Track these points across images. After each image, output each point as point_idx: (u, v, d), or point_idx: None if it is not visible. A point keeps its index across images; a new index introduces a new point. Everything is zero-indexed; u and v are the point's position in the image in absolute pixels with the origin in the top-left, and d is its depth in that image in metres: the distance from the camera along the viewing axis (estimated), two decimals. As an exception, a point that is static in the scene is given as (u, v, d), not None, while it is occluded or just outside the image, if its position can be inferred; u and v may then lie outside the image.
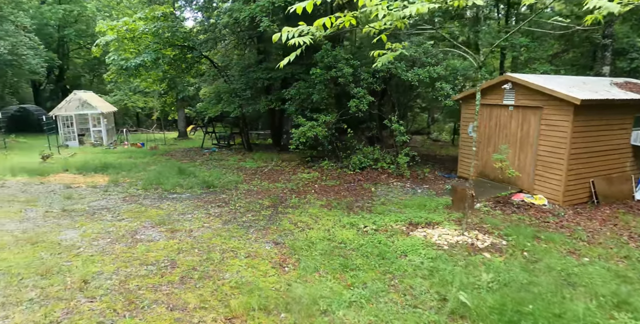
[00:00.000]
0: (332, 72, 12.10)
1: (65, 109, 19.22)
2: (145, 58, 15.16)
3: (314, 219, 6.85)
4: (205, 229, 6.14)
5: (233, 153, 16.60)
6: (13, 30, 17.60)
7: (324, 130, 12.03)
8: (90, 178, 10.48)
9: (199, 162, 13.75)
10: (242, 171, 12.00)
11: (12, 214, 6.78)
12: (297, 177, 10.89)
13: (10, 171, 10.62)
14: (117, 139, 21.57)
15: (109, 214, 6.95)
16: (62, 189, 8.96)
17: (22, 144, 19.35)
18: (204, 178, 9.96)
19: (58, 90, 31.20)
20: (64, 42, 27.80)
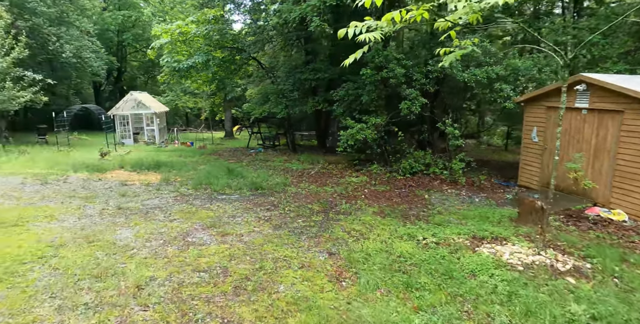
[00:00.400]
0: (383, 73, 11.59)
1: (122, 108, 20.07)
2: (196, 60, 15.42)
3: (367, 227, 6.41)
4: (255, 234, 5.89)
5: (278, 154, 16.50)
6: (78, 35, 18.64)
7: (374, 133, 11.54)
8: (144, 176, 10.68)
9: (246, 163, 13.72)
10: (288, 172, 11.79)
11: (73, 210, 6.91)
12: (346, 181, 10.49)
13: (73, 167, 11.06)
14: (168, 138, 22.26)
15: (161, 213, 6.91)
16: (118, 187, 9.14)
17: (84, 141, 20.43)
18: (252, 179, 9.82)
19: (116, 91, 32.91)
20: (122, 46, 29.24)
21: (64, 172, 10.55)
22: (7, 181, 9.22)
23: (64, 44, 17.06)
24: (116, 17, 26.17)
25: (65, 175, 10.17)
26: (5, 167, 10.86)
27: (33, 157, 12.35)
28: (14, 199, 7.54)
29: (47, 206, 7.15)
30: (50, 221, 6.21)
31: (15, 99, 13.62)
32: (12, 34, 13.53)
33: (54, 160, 12.08)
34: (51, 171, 10.49)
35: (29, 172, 10.16)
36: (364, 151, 12.60)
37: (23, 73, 13.74)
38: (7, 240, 5.26)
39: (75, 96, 24.51)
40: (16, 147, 14.87)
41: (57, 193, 8.15)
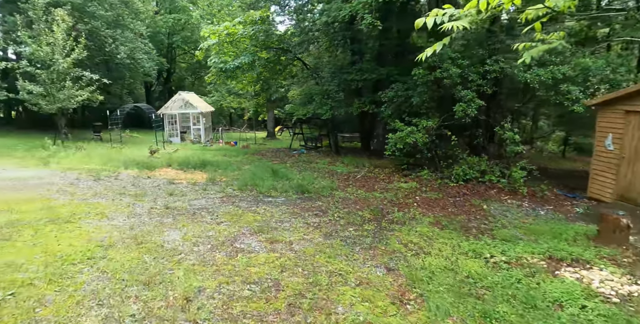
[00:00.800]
0: (436, 73, 10.88)
1: (171, 108, 20.55)
2: (242, 60, 15.38)
3: (426, 240, 5.82)
4: (306, 243, 5.48)
5: (321, 156, 16.13)
6: (132, 37, 19.29)
7: (425, 136, 10.86)
8: (191, 175, 10.64)
9: (289, 164, 13.45)
10: (333, 175, 11.35)
11: (122, 208, 6.84)
12: (394, 186, 9.89)
13: (124, 164, 11.24)
14: (212, 137, 22.57)
15: (208, 215, 6.68)
16: (166, 185, 9.09)
17: (135, 139, 21.12)
18: (297, 182, 9.47)
19: (165, 91, 34.05)
20: (172, 48, 30.15)
21: (115, 168, 10.73)
22: (64, 176, 9.44)
23: (119, 46, 17.71)
24: (167, 20, 26.99)
25: (117, 171, 10.31)
26: (64, 162, 11.22)
27: (89, 153, 12.75)
28: (68, 194, 7.62)
29: (99, 202, 7.14)
30: (100, 219, 6.13)
31: (74, 97, 14.16)
32: (72, 37, 14.11)
33: (107, 156, 12.38)
34: (104, 167, 10.70)
35: (84, 168, 10.40)
36: (413, 156, 11.91)
37: (82, 73, 14.29)
38: (61, 237, 5.18)
39: (128, 96, 25.50)
40: (74, 143, 15.51)
41: (108, 190, 8.19)
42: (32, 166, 10.67)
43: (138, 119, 31.23)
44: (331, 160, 14.70)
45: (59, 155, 12.19)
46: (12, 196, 7.29)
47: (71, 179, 9.13)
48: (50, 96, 13.79)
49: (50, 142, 12.94)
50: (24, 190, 7.83)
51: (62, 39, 13.72)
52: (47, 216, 6.08)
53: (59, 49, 13.64)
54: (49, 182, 8.58)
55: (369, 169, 12.40)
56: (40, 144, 13.57)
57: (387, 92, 12.52)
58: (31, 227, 5.49)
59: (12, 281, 3.86)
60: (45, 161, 11.14)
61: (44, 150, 12.60)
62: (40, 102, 13.56)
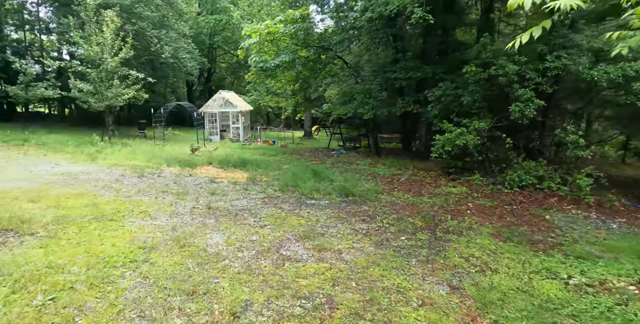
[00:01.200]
0: (491, 70, 10.06)
1: (211, 106, 20.72)
2: (282, 59, 15.12)
3: (489, 254, 5.19)
4: (356, 252, 5.01)
5: (361, 157, 15.59)
6: (175, 37, 19.59)
7: (476, 138, 10.08)
8: (231, 173, 10.45)
9: (329, 165, 13.02)
10: (376, 178, 10.80)
11: (165, 207, 6.66)
12: (443, 191, 9.22)
13: (166, 161, 11.24)
14: (251, 136, 22.58)
15: (250, 217, 6.36)
16: (207, 184, 8.91)
17: (177, 137, 21.49)
18: (340, 184, 9.02)
19: (206, 90, 34.71)
20: (213, 48, 30.60)
21: (158, 165, 10.73)
22: (110, 172, 9.50)
23: (164, 46, 18.02)
24: (209, 21, 27.36)
25: (160, 169, 10.29)
26: (110, 158, 11.38)
27: (133, 150, 12.92)
28: (113, 191, 7.57)
29: (142, 200, 7.01)
30: (143, 218, 5.95)
31: (121, 95, 14.44)
32: (120, 37, 14.41)
33: (150, 153, 12.48)
34: (147, 164, 10.73)
35: (128, 164, 10.47)
36: (462, 159, 11.13)
37: (128, 72, 14.58)
38: (104, 236, 5.01)
39: (171, 94, 26.07)
40: (120, 140, 15.87)
41: (151, 187, 8.09)
42: (81, 161, 10.88)
43: (180, 117, 31.98)
44: (372, 161, 14.13)
45: (105, 151, 12.42)
46: (62, 191, 7.32)
47: (116, 175, 9.15)
48: (99, 94, 14.15)
49: (98, 139, 13.26)
50: (73, 185, 7.87)
51: (110, 39, 14.03)
52: (92, 212, 5.97)
53: (107, 49, 13.96)
54: (96, 178, 8.62)
55: (413, 172, 11.74)
56: (89, 141, 13.96)
57: (434, 91, 11.79)
58: (76, 225, 5.37)
59: (54, 283, 3.65)
60: (93, 156, 11.35)
61: (92, 146, 12.90)
62: (89, 100, 13.95)
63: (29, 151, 12.23)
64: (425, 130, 15.36)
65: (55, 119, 25.75)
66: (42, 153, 11.89)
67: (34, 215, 5.56)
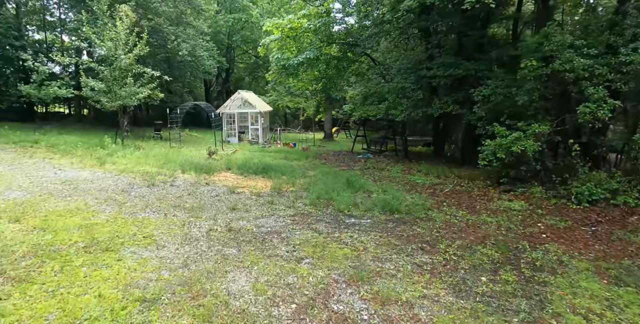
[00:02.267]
0: (555, 64, 8.41)
1: (230, 107, 19.45)
2: (307, 55, 13.73)
3: (609, 307, 3.65)
4: (432, 305, 3.52)
5: (390, 161, 14.05)
6: (193, 34, 18.36)
7: (536, 144, 8.45)
8: (252, 182, 9.08)
9: (359, 171, 11.54)
10: (415, 188, 9.28)
11: (176, 229, 5.30)
12: (499, 206, 7.64)
13: (181, 167, 9.94)
14: (270, 137, 21.25)
15: (281, 244, 4.94)
16: (226, 195, 7.54)
17: (194, 138, 20.31)
18: (379, 196, 7.55)
19: (223, 91, 33.60)
20: (231, 47, 29.43)
21: (172, 171, 9.43)
22: (117, 180, 8.22)
23: (181, 43, 16.81)
24: (227, 19, 26.19)
25: (173, 176, 8.98)
26: (120, 163, 10.13)
27: (146, 153, 11.67)
28: (116, 205, 6.25)
29: (149, 219, 5.66)
30: (147, 246, 4.59)
31: (135, 94, 13.26)
32: (135, 32, 13.22)
33: (164, 157, 11.22)
34: (160, 170, 9.44)
35: (139, 171, 9.19)
36: (515, 167, 9.50)
37: (143, 70, 13.37)
38: (92, 278, 3.66)
39: (188, 94, 24.97)
40: (134, 141, 14.72)
41: (161, 201, 6.76)
42: (89, 166, 9.65)
43: (197, 117, 30.91)
44: (404, 167, 12.57)
45: (117, 154, 11.20)
46: (57, 204, 6.04)
47: (124, 184, 7.86)
48: (112, 93, 13.00)
49: (109, 141, 12.08)
50: (71, 197, 6.60)
51: (124, 34, 12.86)
52: (84, 238, 4.64)
53: (121, 45, 12.77)
54: (100, 188, 7.34)
55: (457, 182, 10.15)
56: (101, 143, 12.78)
57: (481, 90, 10.19)
58: (59, 259, 4.04)
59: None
60: (102, 160, 10.12)
61: (103, 149, 11.71)
62: (102, 99, 12.80)
63: (36, 154, 11.10)
64: (462, 133, 13.72)
65: (73, 119, 24.94)
66: (49, 156, 10.74)
67: (8, 243, 4.25)
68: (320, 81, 16.29)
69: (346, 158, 14.92)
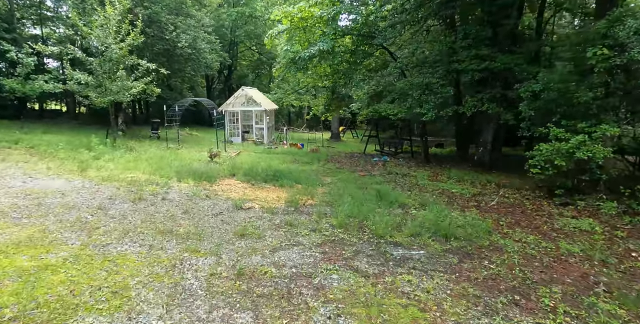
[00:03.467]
0: (633, 53, 6.75)
1: (233, 104, 17.74)
2: (320, 47, 12.00)
3: None
4: None
5: (411, 165, 12.38)
6: (194, 24, 16.55)
7: (606, 150, 6.80)
8: (262, 192, 7.39)
9: (381, 177, 9.87)
10: (455, 200, 7.62)
11: (162, 275, 3.63)
12: (564, 225, 6.03)
13: (177, 174, 8.25)
14: (275, 137, 19.54)
15: (315, 300, 3.28)
16: (232, 212, 5.86)
17: (194, 138, 18.60)
18: (422, 214, 5.89)
19: (226, 89, 31.83)
20: (234, 43, 27.63)
21: (166, 179, 7.73)
22: (96, 192, 6.52)
23: (180, 34, 15.03)
24: (230, 13, 24.42)
25: (167, 185, 7.28)
26: (106, 168, 8.42)
27: (139, 156, 9.97)
28: (84, 233, 4.57)
29: (125, 256, 3.99)
30: (114, 313, 2.90)
31: (128, 89, 11.54)
32: (129, 19, 11.47)
33: (159, 160, 9.53)
34: (152, 178, 7.74)
35: (126, 179, 7.48)
36: (573, 176, 7.84)
37: (137, 62, 11.63)
38: None
39: (189, 91, 23.20)
40: (127, 141, 13.02)
41: (147, 223, 5.07)
42: (67, 172, 7.95)
43: (198, 115, 29.14)
44: (430, 173, 10.91)
45: (104, 157, 9.51)
46: (2, 232, 4.35)
47: (103, 197, 6.16)
48: (102, 87, 11.28)
49: (96, 142, 10.36)
50: (29, 218, 4.91)
51: (116, 21, 11.12)
52: (16, 299, 2.95)
53: (112, 33, 11.03)
54: (71, 204, 5.64)
55: (500, 191, 8.49)
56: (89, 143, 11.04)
57: (529, 85, 8.51)
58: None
59: None
60: (84, 165, 8.41)
61: (90, 151, 10.01)
62: (90, 94, 11.07)
63: (11, 156, 9.38)
64: (492, 135, 12.04)
65: (69, 117, 23.17)
66: (24, 159, 9.03)
67: None
68: (332, 76, 14.57)
69: (361, 161, 13.24)
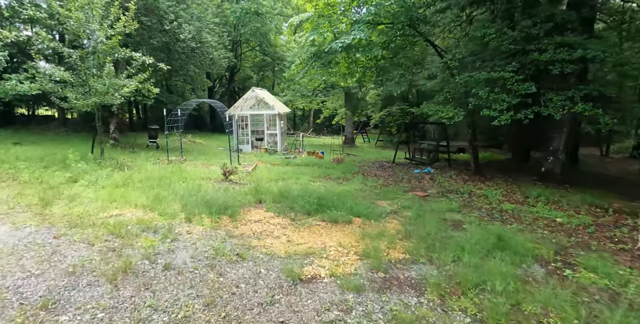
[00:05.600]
0: None
1: (242, 107, 14.98)
2: (355, 36, 9.33)
3: None
4: None
5: (465, 178, 9.76)
6: (198, 14, 13.69)
7: None
8: (313, 234, 4.72)
9: (444, 198, 7.26)
10: (585, 240, 5.00)
11: None
12: None
13: (184, 205, 5.52)
14: (288, 145, 16.81)
15: None
16: (289, 293, 3.18)
17: (198, 146, 15.79)
18: (588, 278, 3.25)
19: (227, 92, 29.03)
20: (239, 42, 24.83)
21: (169, 219, 4.99)
22: (52, 255, 3.76)
23: (182, 24, 12.21)
24: (235, 10, 21.67)
25: (171, 231, 4.54)
26: (81, 201, 5.64)
27: (131, 176, 7.19)
28: None
29: None
30: None
31: (118, 89, 8.75)
32: (119, 1, 8.70)
33: (158, 183, 6.79)
34: (147, 218, 4.99)
35: (108, 222, 4.72)
36: None
37: (130, 54, 8.85)
38: None
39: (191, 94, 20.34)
40: (120, 154, 10.23)
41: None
42: (22, 208, 5.18)
43: (199, 120, 26.33)
44: (503, 190, 8.30)
45: (83, 179, 6.74)
46: None
47: (58, 272, 3.41)
48: (85, 86, 8.50)
49: (74, 157, 7.58)
50: None
51: (102, 3, 8.36)
52: None
53: (97, 17, 8.26)
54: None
55: (625, 220, 5.90)
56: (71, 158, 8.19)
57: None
58: None
59: None
60: (49, 196, 5.63)
61: (65, 170, 7.22)
62: (69, 95, 8.29)
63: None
64: (565, 140, 9.50)
65: (57, 123, 20.19)
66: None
67: None
68: (364, 71, 11.86)
69: (400, 173, 10.60)
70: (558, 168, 9.72)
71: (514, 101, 7.99)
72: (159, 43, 12.28)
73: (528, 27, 8.27)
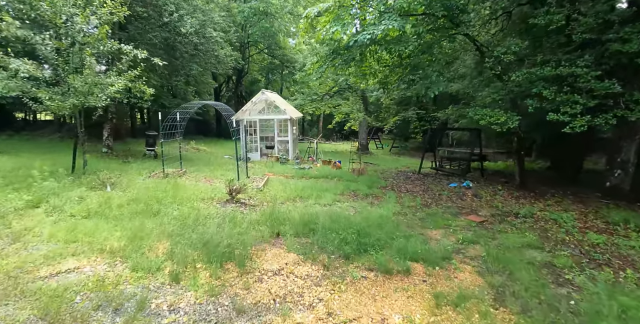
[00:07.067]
0: None
1: (250, 112, 13.31)
2: (388, 26, 7.64)
3: None
4: None
5: (514, 195, 7.97)
6: (201, 6, 11.95)
7: None
8: (364, 299, 2.97)
9: (505, 225, 5.49)
10: None
11: None
12: None
13: (172, 253, 3.80)
14: (299, 152, 15.10)
15: None
16: None
17: (201, 154, 14.12)
18: None
19: (234, 97, 27.44)
20: (247, 44, 23.24)
21: (146, 277, 3.27)
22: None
23: (184, 16, 10.52)
24: (242, 9, 20.11)
25: (143, 308, 2.81)
26: (26, 241, 3.96)
27: (110, 199, 5.49)
28: None
29: None
30: None
31: (104, 88, 7.09)
32: (107, -16, 7.10)
33: (143, 210, 5.09)
34: (113, 274, 3.28)
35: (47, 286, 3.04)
36: None
37: (118, 46, 7.21)
38: None
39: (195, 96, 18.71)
40: (107, 165, 8.57)
41: None
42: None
43: (203, 125, 24.70)
44: (576, 213, 6.50)
45: (47, 204, 5.06)
46: None
47: None
48: (63, 85, 6.87)
49: (42, 174, 5.91)
50: None
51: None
52: None
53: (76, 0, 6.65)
54: None
55: None
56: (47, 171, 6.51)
57: None
58: None
59: None
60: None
61: (33, 190, 5.55)
62: (42, 95, 6.67)
63: None
64: (636, 150, 7.72)
65: (53, 128, 18.64)
66: None
67: None
68: (391, 70, 10.14)
69: (433, 187, 8.83)
70: (628, 183, 7.91)
71: (590, 102, 6.24)
72: (157, 38, 10.63)
73: (604, 13, 6.54)
